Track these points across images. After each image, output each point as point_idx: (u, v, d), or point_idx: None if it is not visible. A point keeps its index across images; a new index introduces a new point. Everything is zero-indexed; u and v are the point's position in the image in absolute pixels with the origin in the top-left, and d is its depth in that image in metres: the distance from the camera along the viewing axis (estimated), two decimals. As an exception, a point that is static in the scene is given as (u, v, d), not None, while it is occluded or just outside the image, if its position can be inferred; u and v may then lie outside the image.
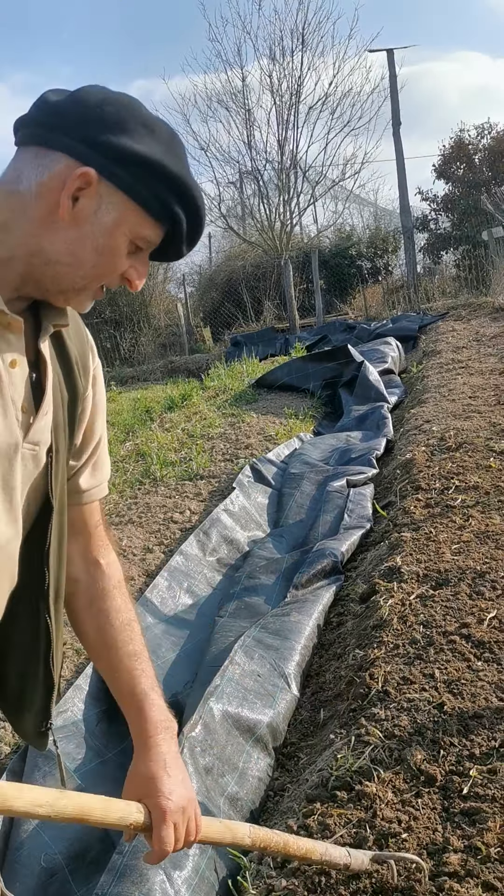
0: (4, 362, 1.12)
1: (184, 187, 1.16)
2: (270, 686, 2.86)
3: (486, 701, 2.44)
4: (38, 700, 1.33)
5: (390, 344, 10.72)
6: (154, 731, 1.33)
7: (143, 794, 1.28)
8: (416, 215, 21.27)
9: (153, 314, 19.93)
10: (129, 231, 1.16)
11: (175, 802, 1.27)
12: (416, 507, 4.42)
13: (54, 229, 1.12)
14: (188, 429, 7.91)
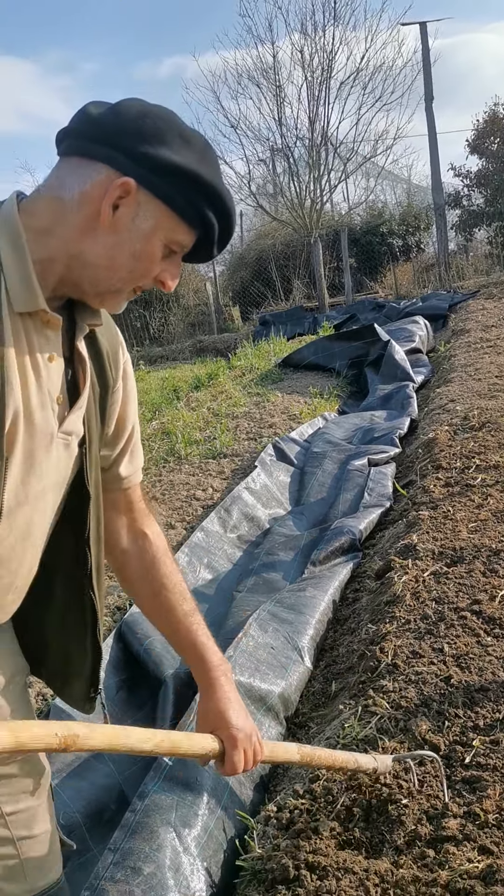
0: (43, 357, 1.21)
1: (217, 195, 1.24)
2: (283, 658, 2.93)
3: (492, 675, 2.49)
4: (88, 668, 1.47)
5: (418, 323, 10.68)
6: (216, 673, 1.52)
7: (215, 726, 1.48)
8: (449, 192, 20.99)
9: (182, 293, 19.97)
10: (164, 237, 1.23)
11: (243, 731, 1.48)
12: (435, 486, 4.45)
13: (94, 235, 1.19)
14: (213, 408, 7.99)
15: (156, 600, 1.54)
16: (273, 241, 21.71)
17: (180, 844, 2.00)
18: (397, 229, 21.37)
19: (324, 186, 20.30)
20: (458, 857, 1.81)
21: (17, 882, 1.35)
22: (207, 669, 1.52)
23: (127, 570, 1.55)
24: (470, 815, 1.95)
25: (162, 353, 16.96)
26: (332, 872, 1.82)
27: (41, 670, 1.49)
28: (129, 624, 3.37)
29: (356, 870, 1.80)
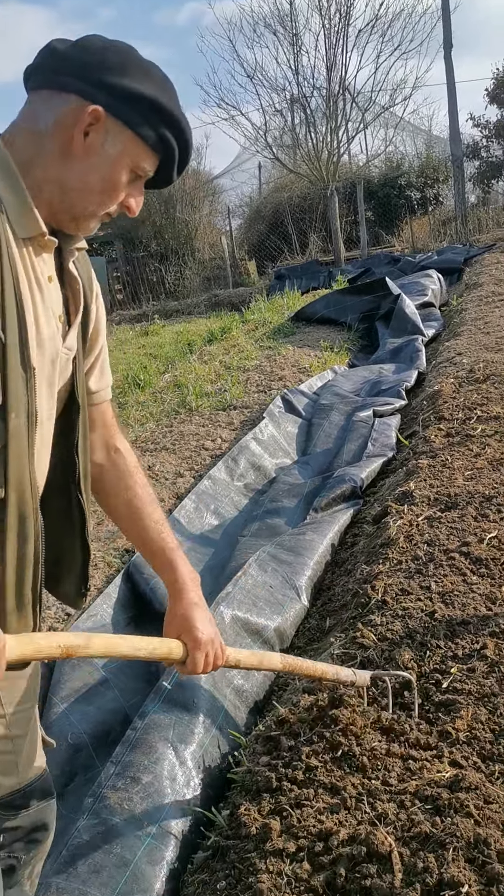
0: (44, 278, 1.32)
1: (176, 120, 1.34)
2: (280, 596, 3.09)
3: (475, 610, 2.64)
4: (78, 566, 1.60)
5: (431, 277, 10.67)
6: (184, 580, 1.63)
7: (180, 630, 1.59)
8: (467, 143, 20.66)
9: (198, 247, 19.92)
10: (131, 162, 1.33)
11: (206, 634, 1.59)
12: (436, 437, 4.56)
13: (69, 162, 1.29)
14: (225, 361, 8.09)
15: (128, 509, 1.65)
16: (290, 193, 21.53)
17: (177, 758, 2.17)
18: (415, 181, 21.10)
19: (341, 137, 20.04)
20: (429, 770, 1.97)
21: (11, 776, 1.51)
22: (176, 576, 1.62)
23: (101, 482, 1.66)
24: (443, 734, 2.10)
25: (177, 307, 17.00)
26: (309, 784, 1.99)
27: None
28: (136, 565, 3.54)
29: (333, 781, 1.97)
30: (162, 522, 1.66)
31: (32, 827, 1.59)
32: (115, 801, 2.04)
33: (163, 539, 1.65)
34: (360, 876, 1.68)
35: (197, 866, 1.97)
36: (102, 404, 1.65)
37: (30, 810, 1.56)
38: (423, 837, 1.75)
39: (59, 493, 1.52)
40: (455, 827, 1.74)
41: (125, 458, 1.67)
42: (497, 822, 1.76)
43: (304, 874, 1.72)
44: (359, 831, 1.78)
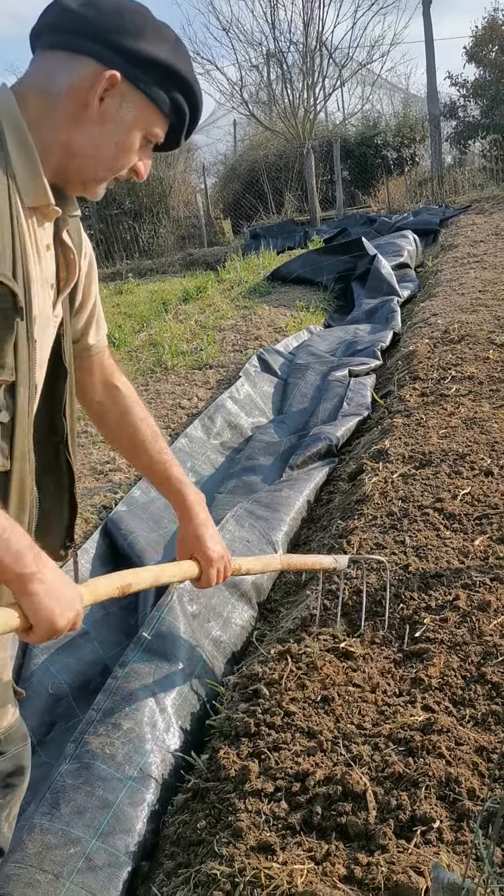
0: (42, 246, 1.31)
1: (190, 86, 1.33)
2: (258, 551, 3.13)
3: (447, 563, 2.70)
4: (65, 522, 1.63)
5: (407, 237, 10.65)
6: (193, 502, 1.74)
7: (192, 549, 1.73)
8: (445, 102, 20.47)
9: (172, 205, 19.63)
10: (144, 128, 1.33)
11: (216, 551, 1.74)
12: (411, 396, 4.61)
13: (82, 126, 1.27)
14: (201, 320, 8.06)
15: (132, 441, 1.72)
16: (265, 151, 21.23)
17: (157, 705, 2.22)
18: (392, 141, 20.90)
19: (318, 94, 19.81)
20: (403, 715, 2.04)
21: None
22: (184, 499, 1.73)
23: (105, 418, 1.72)
24: (416, 681, 2.17)
25: (151, 265, 16.80)
26: (287, 728, 2.05)
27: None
28: (114, 521, 3.56)
29: (310, 725, 2.03)
30: (165, 452, 1.74)
31: (9, 772, 1.63)
32: (96, 747, 2.09)
33: (167, 467, 1.73)
34: (336, 814, 1.74)
35: (177, 807, 2.03)
36: (101, 353, 1.68)
37: (5, 756, 1.60)
38: (396, 777, 1.81)
39: (48, 454, 1.54)
40: (427, 767, 1.81)
41: (123, 393, 1.71)
42: (467, 763, 1.84)
43: (282, 813, 1.79)
44: (334, 772, 1.84)
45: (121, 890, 1.84)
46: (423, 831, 1.66)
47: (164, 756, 2.13)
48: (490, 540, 2.83)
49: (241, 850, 1.70)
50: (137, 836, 1.95)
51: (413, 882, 1.51)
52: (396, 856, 1.59)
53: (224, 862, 1.68)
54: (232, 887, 1.61)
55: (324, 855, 1.65)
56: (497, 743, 1.89)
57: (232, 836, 1.75)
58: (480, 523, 2.97)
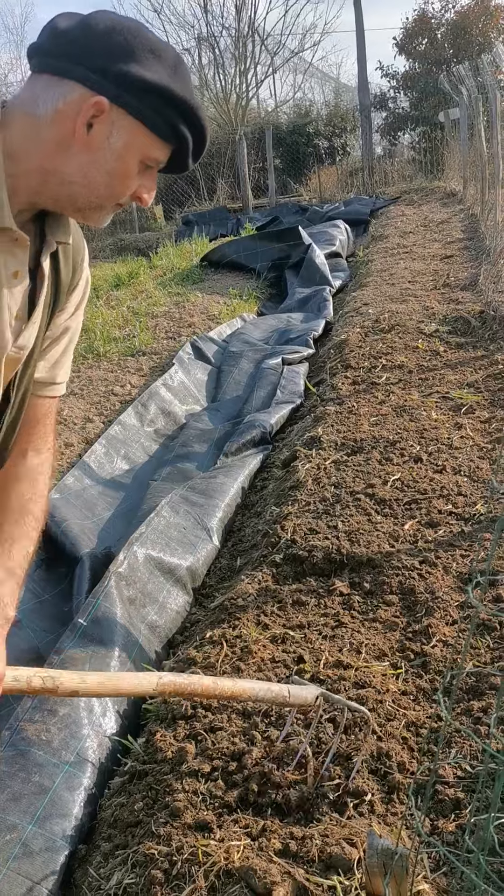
0: (8, 273, 1.23)
1: (190, 109, 1.24)
2: (193, 537, 3.16)
3: (378, 547, 2.78)
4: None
5: (339, 227, 10.76)
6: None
7: None
8: (375, 93, 20.68)
9: (103, 189, 19.33)
10: (139, 153, 1.24)
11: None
12: (343, 384, 4.68)
13: (69, 153, 1.21)
14: (133, 307, 8.00)
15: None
16: (197, 137, 21.07)
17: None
18: (323, 130, 21.04)
19: (250, 81, 19.82)
20: (337, 692, 2.10)
21: None
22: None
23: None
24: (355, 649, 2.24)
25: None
26: (223, 710, 2.09)
27: None
28: (47, 508, 3.53)
29: (245, 707, 2.07)
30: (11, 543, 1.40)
31: None
32: (32, 733, 2.09)
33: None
34: (272, 790, 1.79)
35: (114, 790, 2.05)
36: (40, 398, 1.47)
37: None
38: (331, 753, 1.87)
39: None
40: (360, 742, 1.86)
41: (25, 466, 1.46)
42: (397, 738, 1.90)
43: (219, 792, 1.82)
44: (273, 749, 1.89)
45: (58, 874, 1.85)
46: (356, 804, 1.72)
47: (101, 740, 2.14)
48: (419, 524, 2.92)
49: (179, 830, 1.73)
50: (74, 819, 1.96)
51: (346, 853, 1.56)
52: (331, 829, 1.65)
53: (161, 841, 1.71)
54: (170, 865, 1.64)
55: (260, 831, 1.69)
56: (426, 718, 1.97)
57: (169, 816, 1.78)
58: (410, 508, 3.05)
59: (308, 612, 2.50)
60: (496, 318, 5.41)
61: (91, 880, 1.79)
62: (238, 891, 1.53)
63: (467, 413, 3.97)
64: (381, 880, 1.01)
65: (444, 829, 1.64)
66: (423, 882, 1.47)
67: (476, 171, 10.34)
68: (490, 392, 4.22)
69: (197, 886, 1.57)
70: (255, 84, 20.27)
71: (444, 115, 15.46)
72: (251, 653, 2.29)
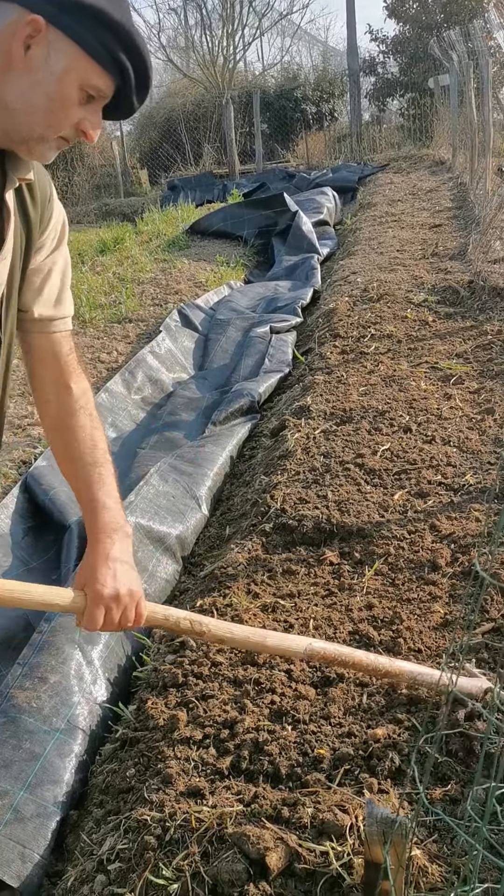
0: None
1: (127, 35, 1.22)
2: (182, 506, 3.15)
3: (368, 517, 2.78)
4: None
5: (327, 195, 10.66)
6: (102, 532, 1.51)
7: (85, 581, 1.48)
8: (364, 57, 20.38)
9: (87, 152, 19.03)
10: (78, 79, 1.22)
11: (108, 589, 1.46)
12: (332, 353, 4.66)
13: (10, 77, 1.19)
14: (119, 273, 7.91)
15: (66, 451, 1.57)
16: (183, 100, 20.75)
17: (84, 658, 2.23)
18: (311, 95, 20.73)
19: (237, 43, 19.46)
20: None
21: None
22: (95, 527, 1.52)
23: (46, 420, 1.59)
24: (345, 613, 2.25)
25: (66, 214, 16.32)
26: (214, 678, 2.09)
27: None
28: (34, 476, 3.51)
29: (236, 674, 2.08)
30: (95, 466, 1.55)
31: None
32: (23, 700, 2.09)
33: (94, 487, 1.54)
34: (264, 758, 1.80)
35: (105, 757, 2.06)
36: (53, 335, 1.52)
37: None
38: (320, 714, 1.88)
39: None
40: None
41: (73, 398, 1.55)
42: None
43: (211, 759, 1.83)
44: (262, 722, 1.90)
45: (49, 839, 1.86)
46: (347, 770, 1.74)
47: (91, 708, 2.15)
48: (408, 495, 2.93)
49: (171, 796, 1.74)
50: (66, 786, 1.97)
51: (339, 819, 1.58)
52: (322, 795, 1.66)
53: (154, 807, 1.72)
54: (163, 831, 1.65)
55: (252, 797, 1.70)
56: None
57: (161, 783, 1.79)
58: (399, 478, 3.06)
59: (298, 581, 2.50)
60: (485, 288, 5.39)
61: (83, 846, 1.80)
62: (231, 856, 1.54)
63: (456, 384, 3.96)
64: (380, 848, 1.01)
65: (435, 798, 1.66)
66: (416, 848, 1.49)
67: (465, 138, 10.25)
68: (479, 363, 4.22)
69: (190, 852, 1.58)
70: (243, 46, 19.94)
71: (433, 82, 15.27)
72: (242, 622, 2.29)
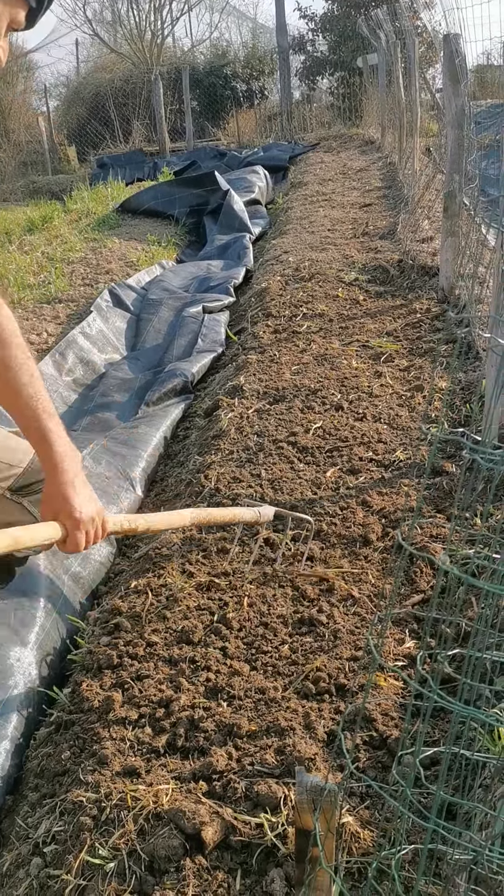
0: None
1: None
2: (116, 487, 3.13)
3: (301, 495, 2.81)
4: None
5: (258, 173, 10.62)
6: (60, 458, 1.58)
7: (57, 511, 1.56)
8: (293, 35, 20.29)
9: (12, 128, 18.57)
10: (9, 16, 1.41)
11: (85, 513, 1.58)
12: (264, 333, 4.67)
13: None
14: (48, 252, 7.76)
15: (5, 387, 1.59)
16: (111, 75, 20.38)
17: (19, 641, 2.21)
18: (241, 72, 20.60)
19: (165, 18, 19.15)
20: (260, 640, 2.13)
21: None
22: (50, 454, 1.59)
23: None
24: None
25: (-9, 192, 15.93)
26: (149, 658, 2.10)
27: None
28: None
29: (171, 654, 2.09)
30: (37, 398, 1.59)
31: None
32: (-45, 688, 2.06)
33: (38, 415, 1.58)
34: (200, 735, 1.81)
35: (40, 741, 2.04)
36: None
37: None
38: (259, 690, 1.91)
39: None
40: (296, 672, 1.90)
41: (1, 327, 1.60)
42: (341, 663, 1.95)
43: (147, 738, 1.84)
44: (197, 700, 1.91)
45: (-15, 826, 1.85)
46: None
47: (26, 691, 2.13)
48: (340, 471, 2.96)
49: (107, 776, 1.74)
50: (1, 770, 1.95)
51: (273, 791, 1.60)
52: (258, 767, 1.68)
53: (90, 788, 1.72)
54: (99, 811, 1.65)
55: (188, 774, 1.72)
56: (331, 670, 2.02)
57: (97, 764, 1.79)
58: (331, 456, 3.09)
59: (233, 559, 2.52)
60: (414, 266, 5.47)
61: (19, 830, 1.79)
62: (167, 832, 1.56)
63: (387, 361, 4.02)
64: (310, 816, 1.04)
65: (366, 766, 1.70)
66: (348, 815, 1.53)
67: (394, 118, 10.32)
68: (408, 340, 4.28)
69: (126, 830, 1.58)
70: (171, 21, 19.64)
71: (362, 61, 15.31)
72: (177, 601, 2.29)
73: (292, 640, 2.11)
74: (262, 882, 1.46)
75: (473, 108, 5.01)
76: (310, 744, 1.73)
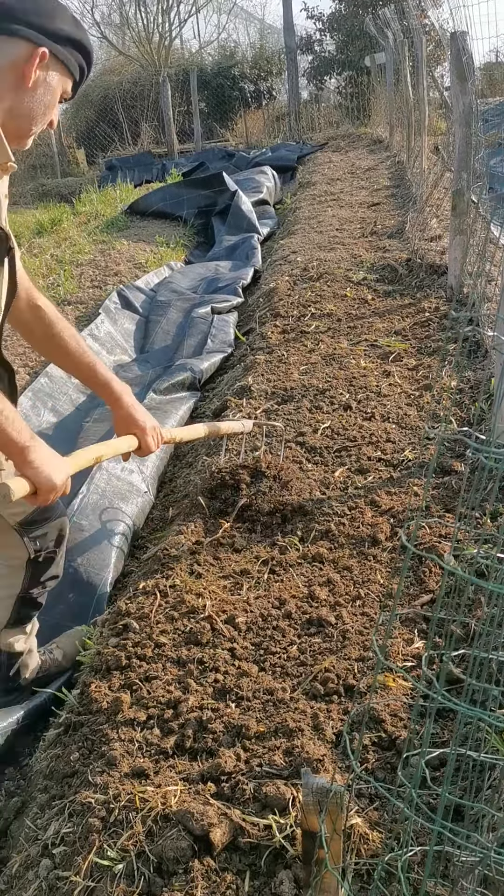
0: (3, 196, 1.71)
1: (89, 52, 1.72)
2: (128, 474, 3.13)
3: (310, 494, 2.80)
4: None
5: (266, 174, 10.61)
6: (119, 391, 2.08)
7: (129, 427, 2.08)
8: (301, 35, 20.25)
9: (22, 132, 18.57)
10: (61, 89, 1.70)
11: (148, 423, 2.11)
12: (273, 333, 4.67)
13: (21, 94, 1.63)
14: (57, 255, 7.77)
15: (59, 351, 2.04)
16: (119, 78, 20.38)
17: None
18: (249, 73, 20.56)
19: (173, 20, 19.15)
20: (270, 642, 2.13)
21: None
22: (111, 390, 2.07)
23: (34, 335, 2.03)
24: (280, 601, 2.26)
25: (1, 196, 15.93)
26: (158, 659, 2.10)
27: None
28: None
29: (179, 655, 2.09)
30: (87, 353, 2.06)
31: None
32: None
33: (93, 365, 2.06)
34: (208, 736, 1.81)
35: (49, 742, 2.05)
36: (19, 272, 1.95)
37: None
38: (269, 690, 1.90)
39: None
40: (306, 670, 1.90)
41: (45, 310, 1.99)
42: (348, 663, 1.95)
43: (155, 739, 1.84)
44: (206, 701, 1.91)
45: (-5, 827, 1.85)
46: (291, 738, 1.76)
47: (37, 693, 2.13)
48: (349, 471, 2.95)
49: (116, 778, 1.74)
50: (10, 773, 1.95)
51: (281, 793, 1.60)
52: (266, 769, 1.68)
53: (99, 790, 1.72)
54: (107, 813, 1.66)
55: (197, 775, 1.72)
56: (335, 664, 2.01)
57: (106, 765, 1.79)
58: (340, 455, 3.08)
59: (241, 560, 2.51)
60: (422, 265, 5.45)
61: (28, 831, 1.79)
62: (176, 834, 1.55)
63: (395, 361, 4.01)
64: (316, 818, 1.03)
65: (375, 767, 1.69)
66: (357, 816, 1.52)
67: (402, 117, 10.29)
68: (417, 339, 4.27)
69: (135, 831, 1.58)
70: (179, 23, 19.62)
71: (370, 60, 15.27)
72: (184, 602, 2.29)
73: (301, 641, 2.11)
74: (271, 884, 1.46)
75: (481, 105, 4.99)
76: (318, 745, 1.73)
